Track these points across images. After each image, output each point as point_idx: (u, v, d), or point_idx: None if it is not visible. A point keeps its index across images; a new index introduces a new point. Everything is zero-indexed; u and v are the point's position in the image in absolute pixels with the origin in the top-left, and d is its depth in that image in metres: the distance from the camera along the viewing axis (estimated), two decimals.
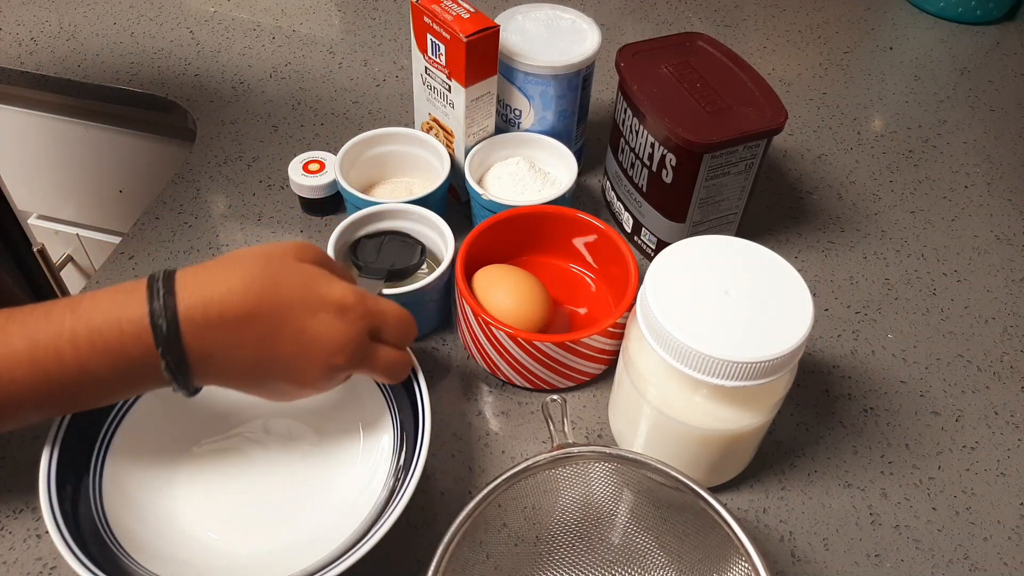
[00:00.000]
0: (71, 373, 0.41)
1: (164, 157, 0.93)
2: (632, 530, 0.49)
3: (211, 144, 0.78)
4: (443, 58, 0.63)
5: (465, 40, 0.59)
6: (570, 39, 0.68)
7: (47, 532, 0.48)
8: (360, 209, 0.63)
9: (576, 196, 0.73)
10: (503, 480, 0.46)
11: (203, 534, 0.51)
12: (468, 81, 0.62)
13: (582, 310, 0.65)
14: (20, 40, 0.88)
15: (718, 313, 0.47)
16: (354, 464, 0.54)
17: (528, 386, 0.60)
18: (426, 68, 0.65)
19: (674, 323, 0.46)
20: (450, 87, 0.64)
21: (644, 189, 0.66)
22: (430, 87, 0.66)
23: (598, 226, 0.64)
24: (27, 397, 0.42)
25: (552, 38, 0.68)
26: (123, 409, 0.53)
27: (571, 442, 0.49)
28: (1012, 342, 0.66)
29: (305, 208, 0.72)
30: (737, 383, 0.46)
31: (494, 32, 0.61)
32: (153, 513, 0.51)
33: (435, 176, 0.67)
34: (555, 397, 0.53)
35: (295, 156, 0.71)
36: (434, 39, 0.62)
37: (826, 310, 0.67)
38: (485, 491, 0.46)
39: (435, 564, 0.43)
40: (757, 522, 0.54)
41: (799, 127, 0.84)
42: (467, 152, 0.67)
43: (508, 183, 0.67)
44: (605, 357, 0.59)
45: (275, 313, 0.44)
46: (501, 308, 0.58)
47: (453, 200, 0.73)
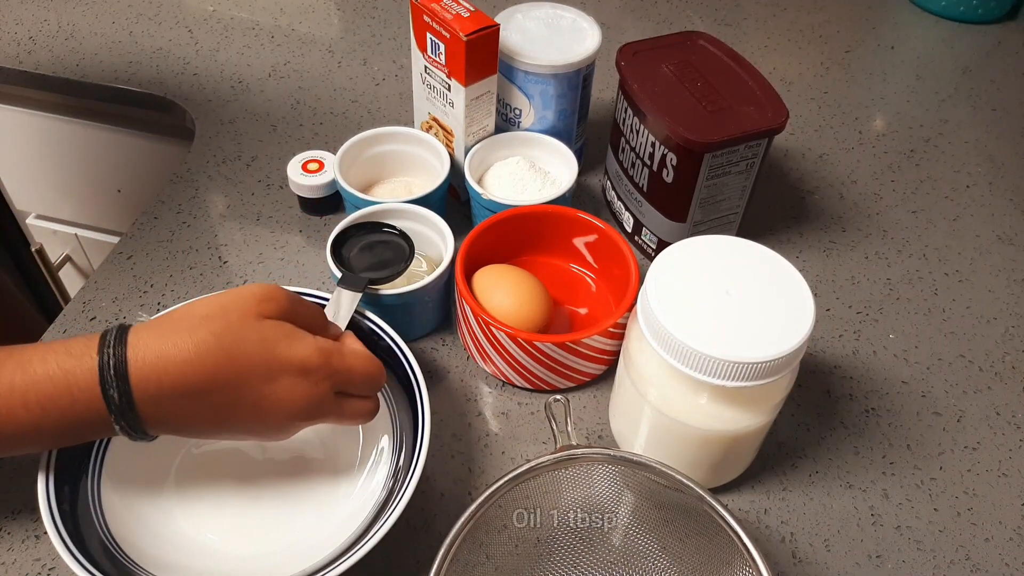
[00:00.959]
0: (26, 430, 0.41)
1: (163, 156, 0.92)
2: (633, 531, 0.49)
3: (210, 143, 0.78)
4: (443, 57, 0.62)
5: (465, 39, 0.59)
6: (570, 38, 0.68)
7: (45, 533, 0.48)
8: (359, 209, 0.63)
9: (576, 196, 0.73)
10: (506, 481, 0.46)
11: (202, 535, 0.51)
12: (468, 80, 0.62)
13: (582, 310, 0.65)
14: (19, 39, 0.88)
15: (719, 313, 0.47)
16: (353, 465, 0.54)
17: (528, 387, 0.60)
18: (426, 67, 0.65)
19: (675, 323, 0.46)
20: (450, 86, 0.64)
21: (645, 189, 0.66)
22: (430, 86, 0.66)
23: (598, 226, 0.63)
24: None
25: (552, 37, 0.68)
26: None
27: (574, 443, 0.49)
28: (1014, 342, 0.66)
29: (304, 208, 0.72)
30: (738, 384, 0.46)
31: (494, 31, 0.61)
32: (152, 514, 0.51)
33: (435, 176, 0.67)
34: (558, 397, 0.53)
35: (294, 155, 0.71)
36: (434, 38, 0.62)
37: (827, 310, 0.67)
38: (487, 492, 0.46)
39: (437, 565, 0.43)
40: (758, 523, 0.54)
41: (800, 126, 0.84)
42: (467, 151, 0.67)
43: (508, 183, 0.67)
44: (605, 357, 0.59)
45: (232, 383, 0.42)
46: (501, 308, 0.58)
47: (453, 200, 0.73)
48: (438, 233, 0.63)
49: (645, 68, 0.65)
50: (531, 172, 0.68)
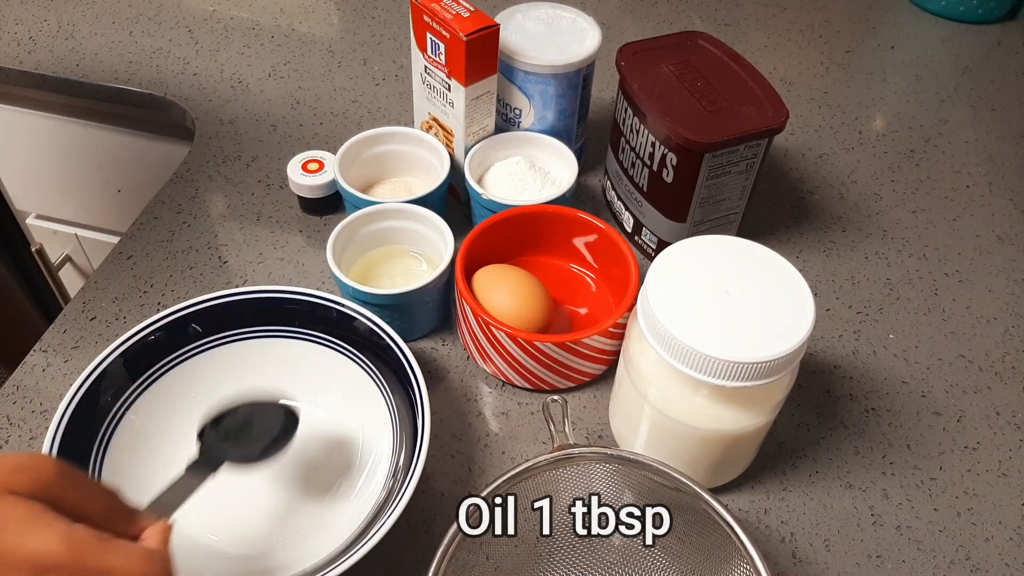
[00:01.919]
0: None
1: (163, 156, 0.92)
2: None
3: (210, 143, 0.78)
4: (443, 57, 0.62)
5: (465, 39, 0.59)
6: (570, 38, 0.68)
7: None
8: (359, 209, 0.63)
9: (576, 196, 0.73)
10: (504, 480, 0.46)
11: (202, 535, 0.51)
12: (468, 80, 0.62)
13: (582, 310, 0.65)
14: (18, 39, 0.88)
15: (719, 313, 0.47)
16: (353, 465, 0.54)
17: (528, 386, 0.60)
18: (426, 67, 0.65)
19: (675, 323, 0.46)
20: (450, 86, 0.64)
21: (645, 189, 0.66)
22: (430, 86, 0.66)
23: (598, 226, 0.63)
24: None
25: (552, 37, 0.68)
26: (122, 409, 0.53)
27: (572, 443, 0.49)
28: (1013, 342, 0.66)
29: (304, 208, 0.72)
30: (738, 383, 0.46)
31: (494, 31, 0.61)
32: None
33: (435, 176, 0.67)
34: (556, 398, 0.53)
35: (294, 155, 0.71)
36: (434, 38, 0.62)
37: (827, 310, 0.67)
38: (485, 492, 0.46)
39: (435, 565, 0.43)
40: (758, 523, 0.54)
41: (800, 126, 0.84)
42: (467, 151, 0.67)
43: (508, 183, 0.67)
44: (605, 357, 0.59)
45: None
46: (501, 308, 0.58)
47: (453, 200, 0.73)
48: (438, 233, 0.63)
49: (645, 68, 0.65)
50: (531, 172, 0.68)
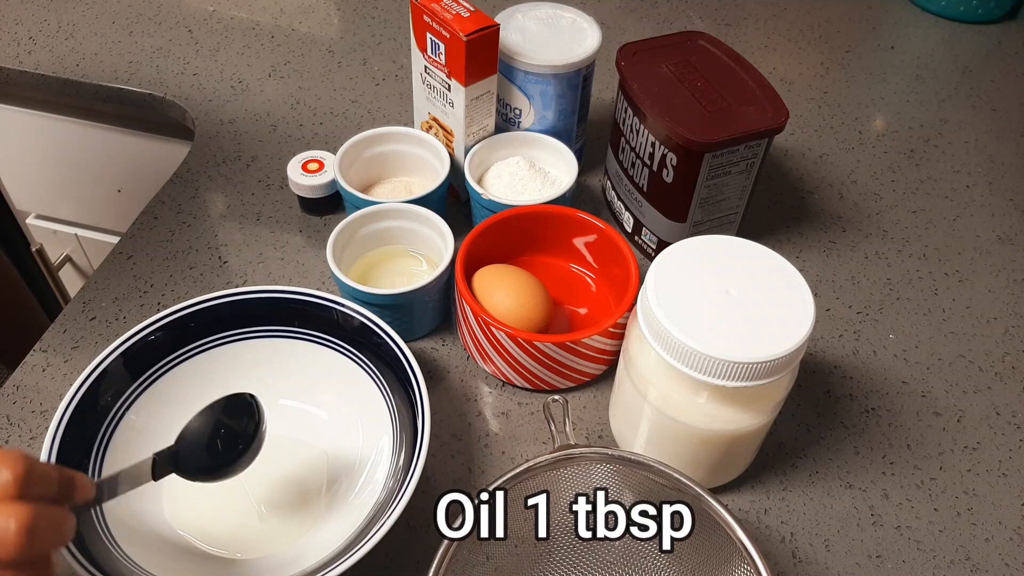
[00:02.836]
0: None
1: (163, 156, 0.92)
2: None
3: (210, 143, 0.78)
4: (443, 57, 0.62)
5: (465, 39, 0.59)
6: (570, 38, 0.68)
7: None
8: (359, 209, 0.63)
9: (576, 196, 0.73)
10: (504, 481, 0.46)
11: (202, 536, 0.51)
12: (468, 80, 0.62)
13: (582, 310, 0.65)
14: (18, 39, 0.88)
15: (719, 313, 0.47)
16: (353, 465, 0.54)
17: (528, 386, 0.60)
18: (426, 67, 0.65)
19: (675, 323, 0.46)
20: (450, 86, 0.64)
21: (645, 189, 0.66)
22: (430, 86, 0.66)
23: (598, 226, 0.63)
24: None
25: (552, 37, 0.68)
26: (122, 409, 0.53)
27: (572, 443, 0.49)
28: (1013, 342, 0.66)
29: (304, 208, 0.72)
30: (738, 384, 0.46)
31: (494, 31, 0.61)
32: (152, 515, 0.51)
33: (435, 176, 0.67)
34: (556, 398, 0.53)
35: (294, 155, 0.71)
36: (434, 38, 0.62)
37: (827, 310, 0.67)
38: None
39: (435, 565, 0.43)
40: (758, 523, 0.54)
41: (800, 126, 0.84)
42: (467, 151, 0.67)
43: (508, 182, 0.67)
44: (605, 357, 0.59)
45: None
46: (501, 308, 0.58)
47: (453, 200, 0.73)
48: (438, 233, 0.63)
49: (645, 68, 0.65)
50: (531, 172, 0.68)
